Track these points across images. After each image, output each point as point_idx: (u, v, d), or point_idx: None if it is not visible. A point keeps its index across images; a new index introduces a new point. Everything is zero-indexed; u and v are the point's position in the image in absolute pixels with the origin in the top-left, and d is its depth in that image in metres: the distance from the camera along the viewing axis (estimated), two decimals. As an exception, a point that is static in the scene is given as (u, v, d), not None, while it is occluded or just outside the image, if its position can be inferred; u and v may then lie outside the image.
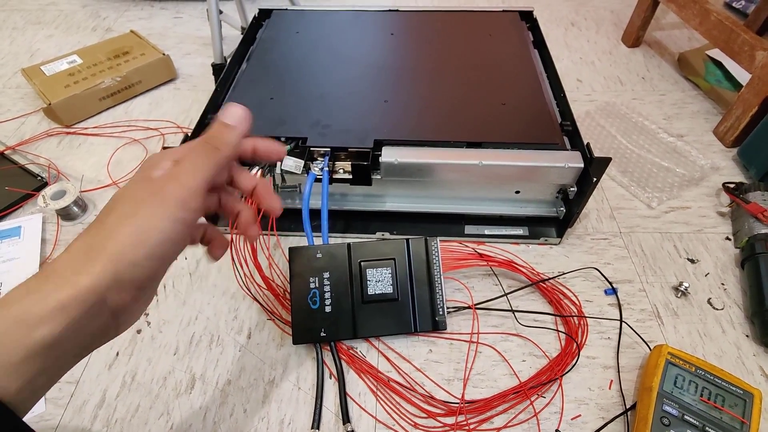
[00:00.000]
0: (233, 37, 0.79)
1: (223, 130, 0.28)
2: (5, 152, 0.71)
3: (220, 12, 0.78)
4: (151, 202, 0.24)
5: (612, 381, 0.47)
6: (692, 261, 0.57)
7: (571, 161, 0.49)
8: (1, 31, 1.01)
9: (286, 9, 0.76)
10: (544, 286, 0.53)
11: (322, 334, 0.47)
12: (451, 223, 0.59)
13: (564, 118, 0.56)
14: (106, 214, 0.24)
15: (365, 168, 0.51)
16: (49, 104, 0.73)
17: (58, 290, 0.21)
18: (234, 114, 0.28)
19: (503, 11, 0.74)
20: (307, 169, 0.51)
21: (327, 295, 0.48)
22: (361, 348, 0.49)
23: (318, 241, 0.50)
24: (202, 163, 0.26)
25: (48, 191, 0.61)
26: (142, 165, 0.26)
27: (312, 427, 0.43)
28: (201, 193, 0.25)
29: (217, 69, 0.81)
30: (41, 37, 0.99)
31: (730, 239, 0.59)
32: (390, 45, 0.68)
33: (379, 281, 0.49)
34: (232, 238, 0.43)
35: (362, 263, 0.49)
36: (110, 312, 0.23)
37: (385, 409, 0.45)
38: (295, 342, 0.48)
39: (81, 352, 0.24)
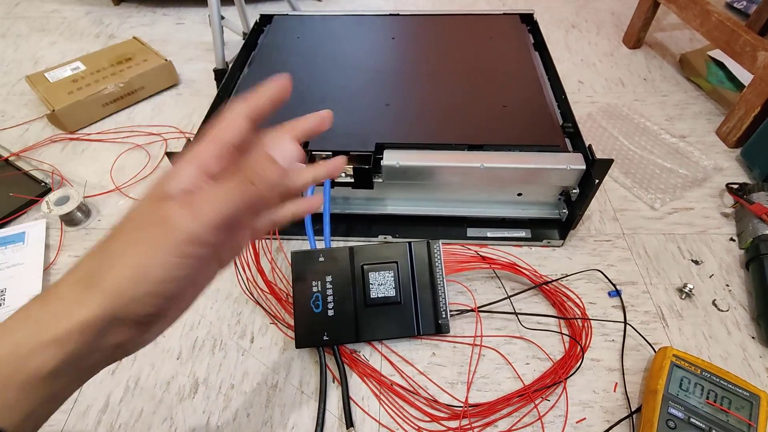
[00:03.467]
0: (235, 43, 0.80)
1: (266, 165, 0.23)
2: (10, 158, 0.71)
3: (222, 18, 0.79)
4: (157, 230, 0.21)
5: (617, 384, 0.46)
6: (696, 262, 0.57)
7: (572, 163, 0.49)
8: (5, 39, 1.02)
9: (287, 14, 0.76)
10: (547, 288, 0.53)
11: (325, 337, 0.47)
12: (454, 226, 0.59)
13: (565, 119, 0.56)
14: (113, 236, 0.22)
15: (367, 171, 0.51)
16: (53, 111, 0.74)
17: (55, 320, 0.20)
18: (285, 151, 0.24)
19: (504, 14, 0.74)
20: (308, 173, 0.51)
21: (330, 298, 0.48)
22: (364, 352, 0.49)
23: (320, 245, 0.50)
24: (226, 195, 0.22)
25: (52, 197, 0.61)
26: (161, 175, 0.23)
27: (315, 431, 0.43)
28: (217, 229, 0.21)
29: (219, 74, 0.81)
30: (45, 44, 1.00)
31: (734, 240, 0.59)
32: (391, 49, 0.68)
33: (382, 284, 0.49)
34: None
35: (364, 267, 0.49)
36: (112, 346, 0.22)
37: (388, 413, 0.45)
38: (298, 346, 0.48)
39: (83, 377, 0.23)
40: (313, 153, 0.51)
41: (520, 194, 0.55)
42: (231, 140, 0.24)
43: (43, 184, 0.67)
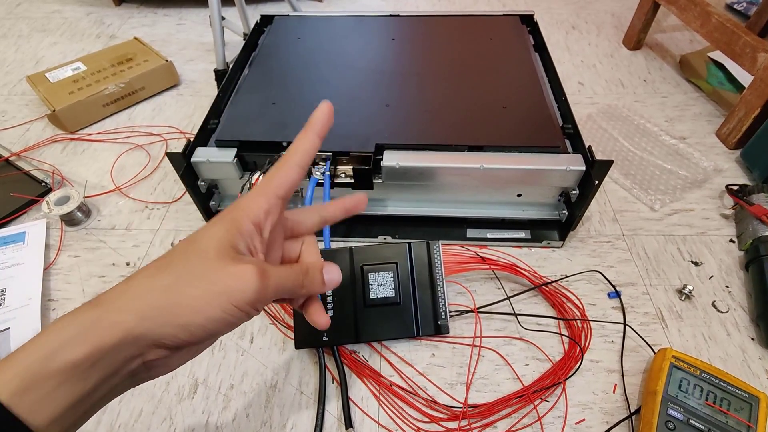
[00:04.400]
0: (235, 43, 0.80)
1: (318, 282, 0.29)
2: (10, 158, 0.71)
3: (223, 18, 0.79)
4: (230, 281, 0.24)
5: (616, 385, 0.46)
6: (696, 264, 0.57)
7: (572, 164, 0.49)
8: (6, 39, 1.02)
9: (288, 15, 0.76)
10: (547, 289, 0.53)
11: (325, 338, 0.47)
12: (453, 227, 0.59)
13: (565, 121, 0.57)
14: (179, 259, 0.25)
15: (367, 172, 0.51)
16: (54, 111, 0.74)
17: (99, 320, 0.22)
18: (333, 279, 0.30)
19: (504, 15, 0.74)
20: (308, 173, 0.51)
21: (329, 299, 0.48)
22: (364, 352, 0.49)
23: (320, 246, 0.50)
24: (286, 283, 0.27)
25: (52, 197, 0.61)
26: (233, 218, 0.26)
27: (314, 432, 0.43)
28: (270, 301, 0.27)
29: (219, 75, 0.82)
30: (46, 45, 1.00)
31: (734, 241, 0.59)
32: (391, 50, 0.68)
33: (381, 285, 0.49)
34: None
35: (364, 267, 0.49)
36: (142, 362, 0.23)
37: (387, 414, 0.45)
38: (297, 346, 0.48)
39: (110, 393, 0.23)
40: (313, 153, 0.51)
41: (519, 195, 0.55)
42: (284, 196, 0.28)
43: (43, 184, 0.67)
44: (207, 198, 0.58)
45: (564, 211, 0.55)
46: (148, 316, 0.22)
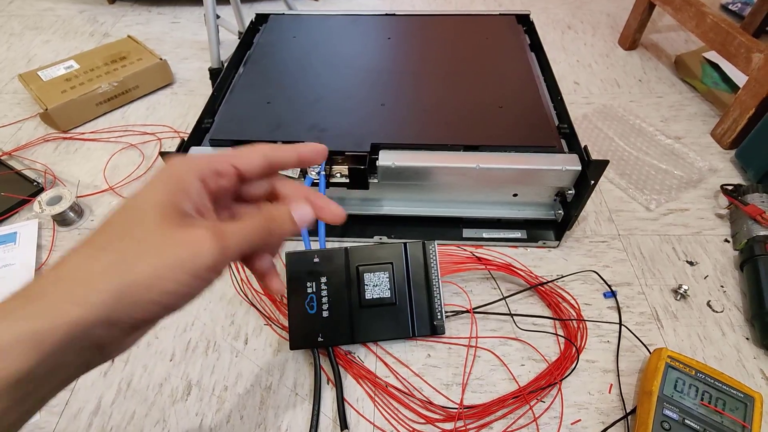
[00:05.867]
0: (230, 42, 0.80)
1: (287, 222, 0.26)
2: (2, 158, 0.71)
3: (218, 17, 0.78)
4: (182, 249, 0.21)
5: (612, 385, 0.46)
6: (691, 263, 0.57)
7: (568, 164, 0.49)
8: (-2, 37, 1.01)
9: (283, 14, 0.76)
10: (543, 289, 0.53)
11: (320, 339, 0.47)
12: (449, 227, 0.59)
13: (561, 120, 0.56)
14: (119, 232, 0.22)
15: (362, 172, 0.51)
16: (46, 109, 0.73)
17: (37, 317, 0.19)
18: (304, 214, 0.26)
19: (500, 15, 0.74)
20: (303, 173, 0.50)
21: (324, 300, 0.48)
22: (359, 353, 0.49)
23: (315, 246, 0.50)
24: (248, 236, 0.24)
25: (44, 197, 0.61)
26: (175, 175, 0.23)
27: (309, 434, 0.43)
28: (235, 260, 0.24)
29: (214, 73, 0.81)
30: (38, 43, 0.99)
31: (728, 241, 0.59)
32: (387, 49, 0.68)
33: (377, 285, 0.48)
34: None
35: (360, 267, 0.49)
36: (95, 346, 0.21)
37: (383, 415, 0.45)
38: (292, 347, 0.47)
39: (60, 384, 0.21)
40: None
41: (515, 195, 0.55)
42: (239, 166, 0.26)
43: (35, 183, 0.67)
44: (201, 198, 0.57)
45: (560, 211, 0.55)
46: (95, 302, 0.19)
